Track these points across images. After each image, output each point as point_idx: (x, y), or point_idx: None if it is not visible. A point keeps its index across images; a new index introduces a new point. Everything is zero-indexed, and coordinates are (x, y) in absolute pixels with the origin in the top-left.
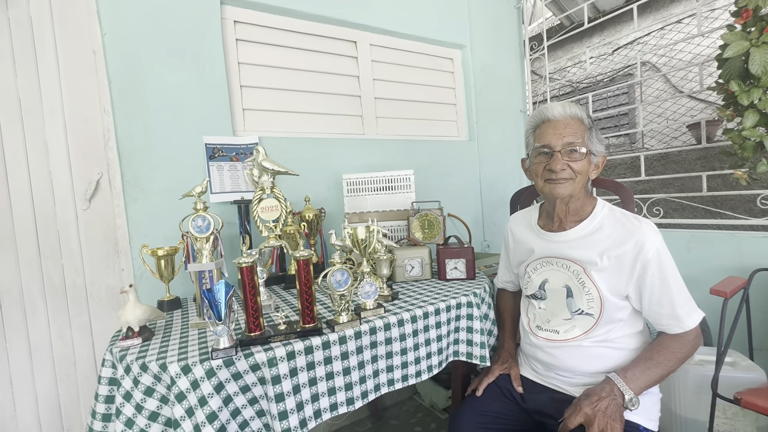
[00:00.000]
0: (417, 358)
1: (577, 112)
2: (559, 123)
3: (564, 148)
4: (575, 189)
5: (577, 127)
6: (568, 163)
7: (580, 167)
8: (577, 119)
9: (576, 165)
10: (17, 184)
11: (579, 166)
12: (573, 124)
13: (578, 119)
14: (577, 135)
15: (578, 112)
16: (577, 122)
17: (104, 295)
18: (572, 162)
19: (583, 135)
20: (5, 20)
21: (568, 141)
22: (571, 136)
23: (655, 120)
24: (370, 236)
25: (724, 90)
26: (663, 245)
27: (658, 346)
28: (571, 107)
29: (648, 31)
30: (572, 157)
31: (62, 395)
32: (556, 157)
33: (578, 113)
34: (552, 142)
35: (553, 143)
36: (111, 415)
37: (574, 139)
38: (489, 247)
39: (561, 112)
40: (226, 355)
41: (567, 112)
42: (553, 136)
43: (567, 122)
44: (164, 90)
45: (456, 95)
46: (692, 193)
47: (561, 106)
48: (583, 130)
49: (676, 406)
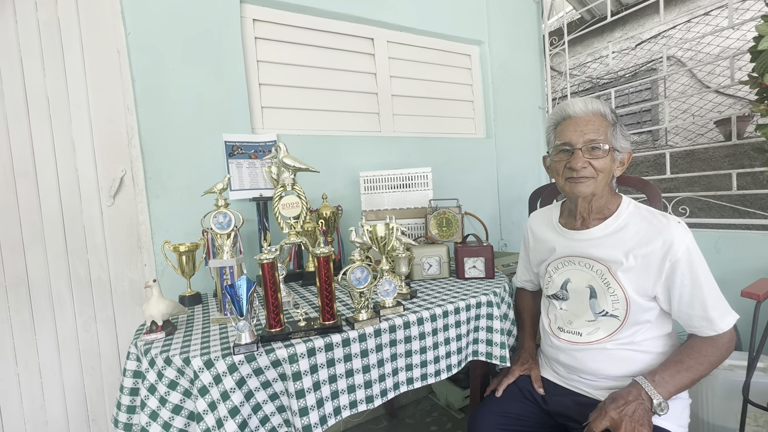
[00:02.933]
0: (436, 357)
1: (600, 108)
2: (581, 120)
3: (585, 145)
4: (597, 187)
5: (600, 124)
6: (589, 161)
7: (602, 165)
8: (599, 115)
9: (597, 163)
10: (46, 182)
11: (601, 164)
12: (595, 120)
13: (601, 115)
14: (599, 132)
15: (601, 108)
16: (600, 118)
17: (127, 289)
18: (593, 160)
19: (605, 131)
20: (35, 22)
21: (589, 138)
22: (593, 133)
23: (679, 116)
24: (389, 234)
25: (758, 84)
26: (693, 243)
27: (689, 349)
28: (594, 103)
29: (673, 25)
30: (594, 154)
31: (88, 386)
32: (577, 155)
33: (601, 109)
34: (573, 139)
35: (573, 140)
36: (135, 407)
37: (595, 136)
38: (506, 246)
39: (582, 109)
40: (247, 351)
41: (589, 108)
42: (574, 133)
43: (589, 119)
44: (185, 88)
45: (473, 92)
46: (721, 192)
47: (582, 102)
48: (606, 127)
49: (703, 412)
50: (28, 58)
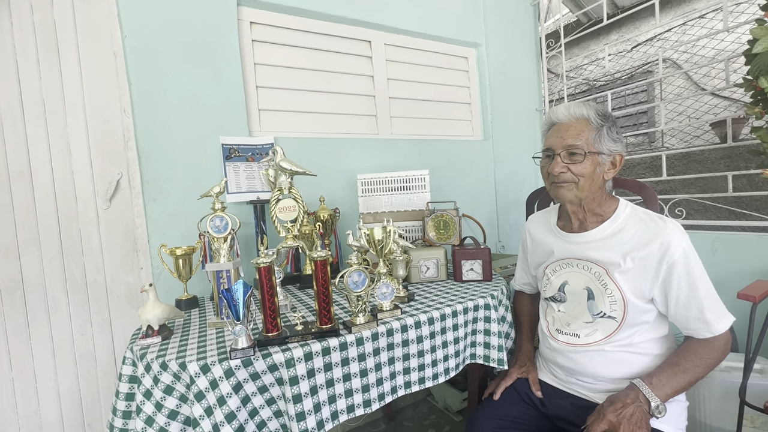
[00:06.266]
0: (434, 361)
1: (583, 112)
2: (563, 125)
3: (563, 150)
4: (582, 192)
5: (581, 128)
6: (567, 166)
7: (581, 170)
8: (582, 120)
9: (576, 167)
10: (41, 184)
11: (579, 169)
12: (576, 125)
13: (584, 119)
14: (578, 136)
15: (584, 112)
16: (582, 123)
17: (123, 293)
18: (572, 164)
19: (587, 136)
20: (30, 24)
21: (567, 143)
22: (571, 138)
23: (675, 118)
24: (386, 237)
25: (753, 87)
26: (690, 246)
27: (686, 351)
28: (577, 108)
29: (669, 27)
30: (573, 159)
31: (83, 391)
32: (556, 160)
33: (584, 113)
34: (554, 144)
35: (554, 146)
36: (131, 413)
37: (573, 141)
38: (504, 248)
39: (565, 114)
40: (244, 355)
41: (571, 113)
42: (555, 138)
43: (570, 124)
44: (182, 91)
45: (471, 94)
46: (717, 194)
47: (566, 107)
48: (588, 131)
49: (700, 414)
50: (23, 60)
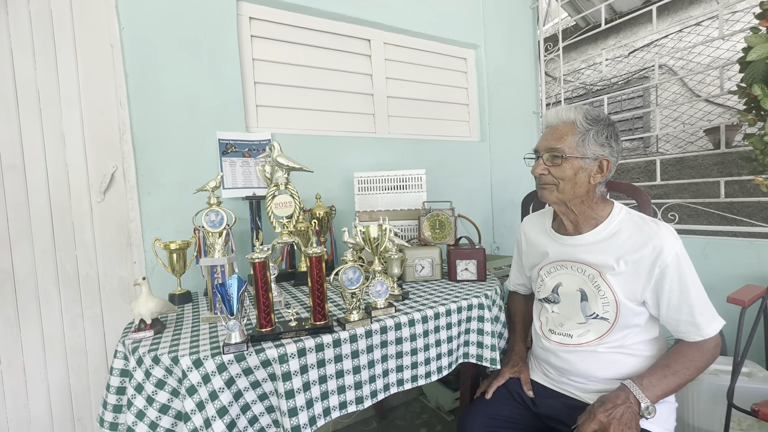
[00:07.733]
0: (427, 359)
1: (571, 116)
2: (550, 128)
3: (545, 153)
4: (564, 195)
5: (565, 132)
6: (548, 168)
7: (561, 173)
8: (568, 123)
9: (556, 170)
10: (34, 176)
11: (559, 172)
12: (561, 128)
13: (570, 123)
14: (561, 140)
15: (572, 116)
16: (567, 126)
17: (116, 287)
18: (552, 167)
19: (570, 139)
20: (26, 13)
21: (549, 146)
22: (554, 141)
23: (670, 124)
24: (382, 235)
25: (746, 94)
26: (682, 250)
27: (676, 353)
28: (565, 111)
29: (665, 34)
30: (554, 162)
31: (73, 385)
32: (537, 162)
33: (571, 117)
34: (539, 146)
35: (539, 147)
36: (122, 407)
37: (555, 144)
38: (499, 249)
39: (554, 117)
40: (237, 350)
41: (560, 116)
42: (542, 140)
43: (556, 127)
44: (179, 85)
45: (469, 95)
46: (709, 199)
47: (556, 111)
48: (573, 134)
49: (689, 416)
50: (18, 50)
